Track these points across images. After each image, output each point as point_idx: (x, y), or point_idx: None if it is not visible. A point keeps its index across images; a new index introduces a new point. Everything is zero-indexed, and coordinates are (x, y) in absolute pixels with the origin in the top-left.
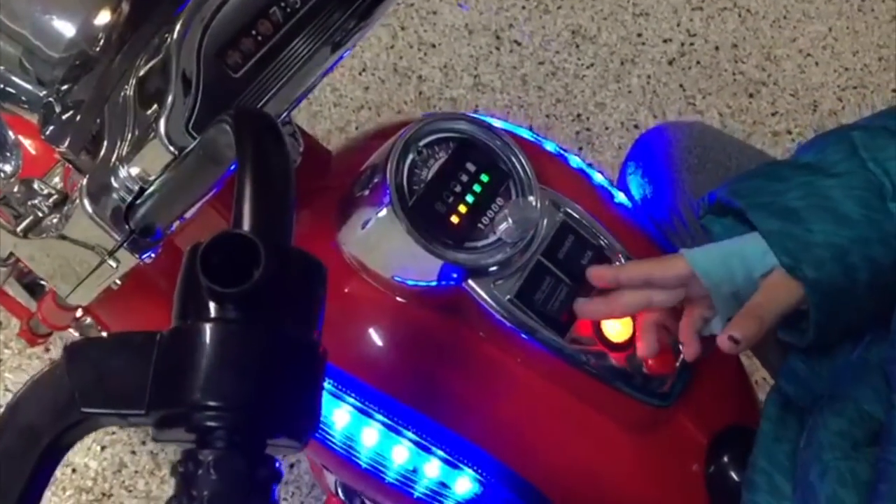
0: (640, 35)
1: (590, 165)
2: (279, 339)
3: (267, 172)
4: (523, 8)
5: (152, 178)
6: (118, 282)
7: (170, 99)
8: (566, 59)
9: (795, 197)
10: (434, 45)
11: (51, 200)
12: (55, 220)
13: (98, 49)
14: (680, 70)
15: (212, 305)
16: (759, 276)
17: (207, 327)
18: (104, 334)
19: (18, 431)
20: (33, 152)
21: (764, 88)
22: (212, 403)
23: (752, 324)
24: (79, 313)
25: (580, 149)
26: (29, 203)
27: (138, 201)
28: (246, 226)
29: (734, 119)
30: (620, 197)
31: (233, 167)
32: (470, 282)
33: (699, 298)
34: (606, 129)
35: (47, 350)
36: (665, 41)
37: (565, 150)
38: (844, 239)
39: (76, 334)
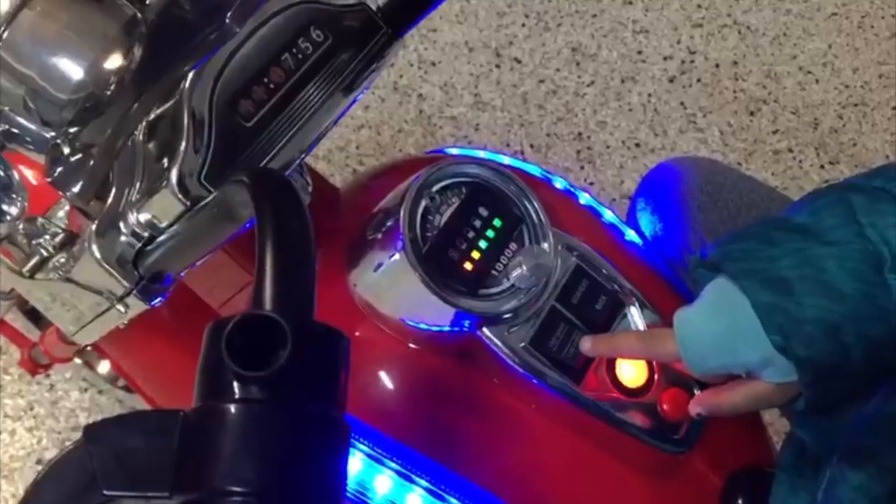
0: (640, 52)
1: (591, 184)
2: (305, 419)
3: (288, 245)
4: (523, 25)
5: (163, 225)
6: (125, 322)
7: (181, 149)
8: (566, 77)
9: (788, 265)
10: (434, 63)
11: (57, 240)
12: (62, 261)
13: (110, 93)
14: (680, 88)
15: (236, 385)
16: (752, 369)
17: (232, 408)
18: (94, 366)
19: None
20: (34, 183)
21: (765, 106)
22: (237, 489)
23: (722, 406)
24: None
25: (581, 168)
26: (34, 242)
27: (148, 248)
28: (268, 304)
29: (735, 137)
30: (631, 235)
31: (248, 224)
32: (484, 329)
33: None
34: (607, 147)
35: (48, 376)
36: (665, 59)
37: (574, 187)
38: (836, 315)
39: (78, 361)
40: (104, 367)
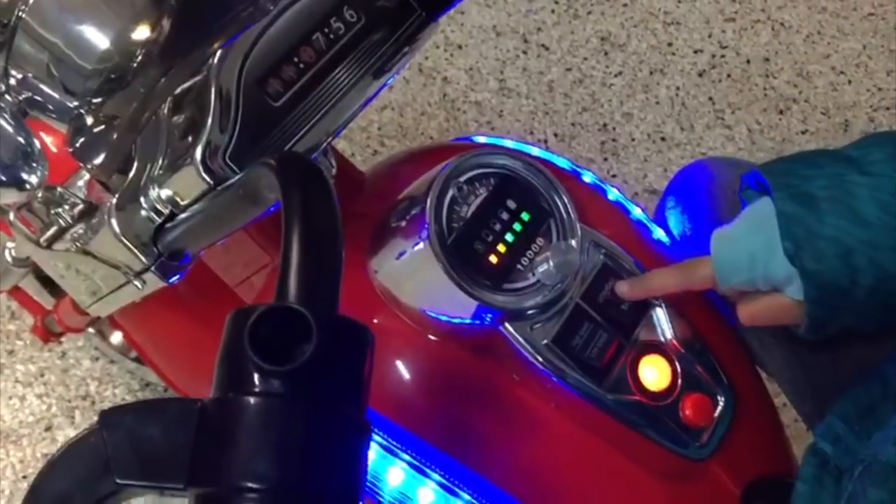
0: (670, 44)
1: (614, 176)
2: (326, 417)
3: (316, 236)
4: (552, 12)
5: (185, 202)
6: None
7: (207, 127)
8: (594, 67)
9: (821, 186)
10: (461, 47)
11: (76, 210)
12: (80, 232)
13: (136, 65)
14: (710, 82)
15: (257, 378)
16: (777, 284)
17: (252, 402)
18: (108, 339)
19: (52, 500)
20: (54, 150)
21: (795, 105)
22: (254, 486)
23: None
24: None
25: (605, 159)
26: (52, 212)
27: (168, 225)
28: (293, 296)
29: (763, 135)
30: (658, 233)
31: (272, 208)
32: (507, 324)
33: None
34: (633, 140)
35: (60, 343)
36: (696, 52)
37: (603, 182)
38: (854, 239)
39: (91, 330)
40: (116, 337)
